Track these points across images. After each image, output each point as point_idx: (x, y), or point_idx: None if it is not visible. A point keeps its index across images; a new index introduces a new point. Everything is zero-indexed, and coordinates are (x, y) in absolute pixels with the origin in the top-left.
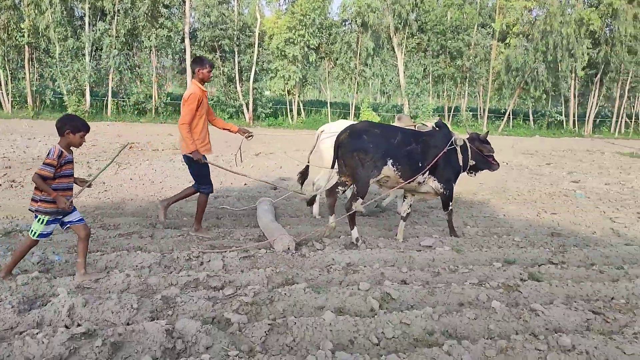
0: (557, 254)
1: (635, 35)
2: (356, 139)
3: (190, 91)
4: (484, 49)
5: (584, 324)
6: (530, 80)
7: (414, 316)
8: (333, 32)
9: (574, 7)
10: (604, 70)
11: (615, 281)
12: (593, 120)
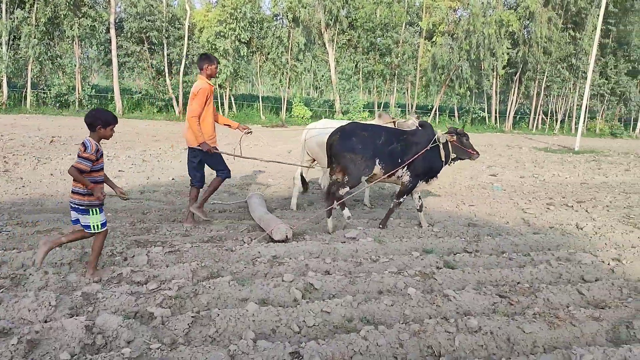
0: (472, 243)
1: (549, 37)
2: (346, 141)
3: (200, 86)
4: (411, 47)
5: (491, 306)
6: (455, 78)
7: (334, 304)
8: (264, 27)
9: (494, 8)
10: (522, 70)
11: (521, 267)
12: (513, 116)
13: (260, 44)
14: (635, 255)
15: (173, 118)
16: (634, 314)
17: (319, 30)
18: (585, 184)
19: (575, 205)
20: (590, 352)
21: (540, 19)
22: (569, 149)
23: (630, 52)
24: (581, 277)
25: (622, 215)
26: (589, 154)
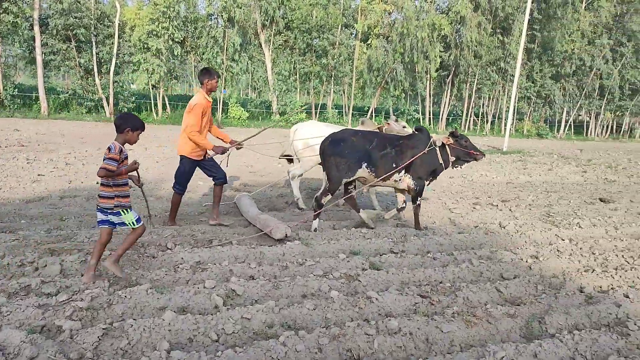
0: (398, 243)
1: (479, 41)
2: (333, 146)
3: (196, 101)
4: (347, 49)
5: (413, 307)
6: (390, 80)
7: (255, 310)
8: (199, 26)
9: (427, 12)
10: (454, 72)
11: (445, 266)
12: (446, 118)
13: (194, 43)
14: (551, 252)
15: (103, 119)
16: (547, 310)
17: (255, 30)
18: (511, 184)
19: (500, 204)
20: (503, 349)
21: (470, 23)
22: (497, 150)
23: (554, 57)
24: (501, 275)
25: (543, 213)
26: (516, 154)
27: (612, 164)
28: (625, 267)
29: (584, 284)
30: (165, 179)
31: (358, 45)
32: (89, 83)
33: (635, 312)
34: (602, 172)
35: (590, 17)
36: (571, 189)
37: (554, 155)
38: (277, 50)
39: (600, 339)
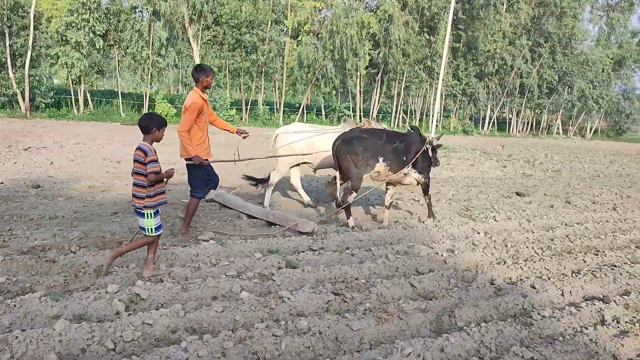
0: (318, 240)
1: (407, 39)
2: (348, 145)
3: (192, 100)
4: (277, 45)
5: (325, 305)
6: (321, 77)
7: (158, 315)
8: (122, 19)
9: (356, 10)
10: (383, 70)
11: (361, 263)
12: (376, 115)
13: (118, 37)
14: (467, 246)
15: (18, 115)
16: (457, 303)
17: (183, 25)
18: (434, 179)
19: (422, 199)
20: (411, 344)
21: (398, 22)
22: None
23: (478, 56)
24: (416, 269)
25: (461, 207)
26: (442, 150)
27: (530, 159)
28: (534, 259)
29: (494, 276)
30: (78, 178)
31: (288, 41)
32: (2, 77)
33: (540, 302)
34: (521, 166)
35: (511, 19)
36: (491, 184)
37: (477, 151)
38: (206, 46)
39: (505, 330)
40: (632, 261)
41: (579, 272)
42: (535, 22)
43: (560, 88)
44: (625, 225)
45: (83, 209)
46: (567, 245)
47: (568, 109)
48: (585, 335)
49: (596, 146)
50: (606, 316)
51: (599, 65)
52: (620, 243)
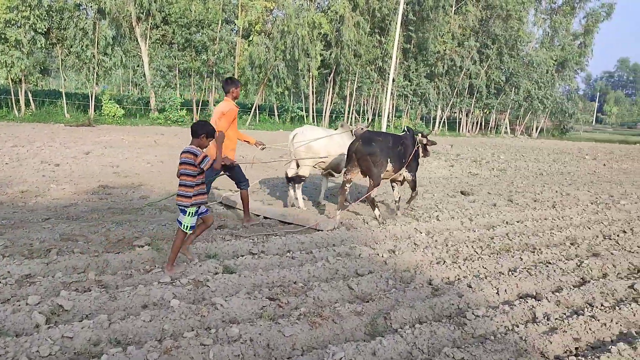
0: (259, 243)
1: (359, 40)
2: (368, 146)
3: (229, 107)
4: (228, 45)
5: (259, 311)
6: (273, 77)
7: (80, 328)
8: (65, 17)
9: (307, 10)
10: (336, 70)
11: (301, 266)
12: (329, 115)
13: (61, 35)
14: (408, 246)
15: None
16: (393, 305)
17: (130, 24)
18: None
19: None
20: (343, 349)
21: (349, 22)
22: None
23: (428, 57)
24: (356, 271)
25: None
26: None
27: (477, 159)
28: (473, 258)
29: (433, 277)
30: (11, 183)
31: (239, 41)
32: None
33: (475, 301)
34: (468, 166)
35: (459, 21)
36: (437, 183)
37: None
38: (155, 45)
39: (438, 331)
40: (566, 258)
41: (515, 270)
42: (482, 24)
43: (508, 88)
44: (562, 222)
45: (12, 215)
46: (506, 243)
47: (515, 109)
48: (515, 334)
49: (541, 145)
50: (537, 313)
51: (544, 66)
52: (556, 240)
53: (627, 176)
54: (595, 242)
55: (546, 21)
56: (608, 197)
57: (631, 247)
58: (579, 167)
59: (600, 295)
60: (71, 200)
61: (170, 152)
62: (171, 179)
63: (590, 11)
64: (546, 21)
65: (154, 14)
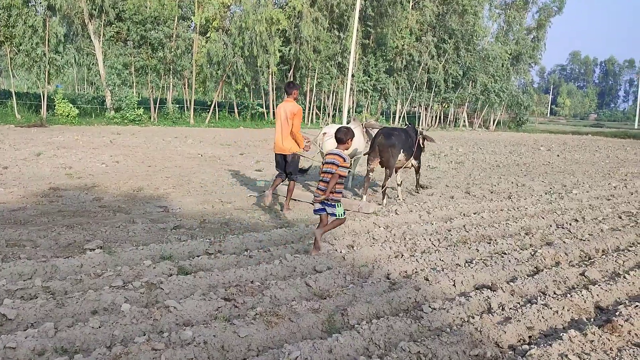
0: (216, 243)
1: (317, 36)
2: (389, 139)
3: (298, 107)
4: (185, 42)
5: (214, 312)
6: (232, 74)
7: (23, 337)
8: (13, 14)
9: (265, 6)
10: (295, 66)
11: (258, 264)
12: None
13: (9, 33)
14: (367, 241)
15: None
16: (351, 301)
17: (83, 20)
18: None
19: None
20: (299, 348)
21: (307, 18)
22: None
23: (387, 52)
24: (314, 268)
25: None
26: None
27: (435, 152)
28: (430, 250)
29: (391, 271)
30: None
31: (197, 38)
32: None
33: (432, 294)
34: (426, 159)
35: (417, 16)
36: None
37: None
38: (109, 42)
39: (395, 325)
40: (520, 248)
41: (471, 261)
42: (439, 19)
43: (465, 82)
44: (517, 213)
45: None
46: (463, 235)
47: (473, 103)
48: (471, 325)
49: (498, 137)
50: (493, 304)
51: (499, 60)
52: (511, 230)
53: (579, 166)
54: (548, 232)
55: (500, 16)
56: (561, 187)
57: (582, 235)
58: (534, 158)
59: (553, 284)
60: (19, 204)
61: (127, 152)
62: (127, 179)
63: (543, 6)
64: (500, 16)
65: (107, 10)
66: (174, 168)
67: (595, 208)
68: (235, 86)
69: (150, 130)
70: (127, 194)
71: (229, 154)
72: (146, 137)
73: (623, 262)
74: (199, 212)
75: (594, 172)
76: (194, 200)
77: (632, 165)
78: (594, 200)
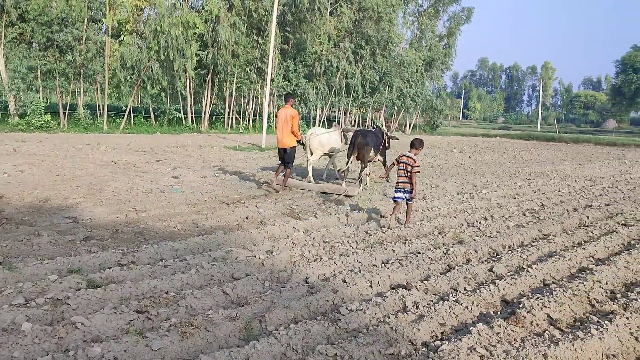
0: (129, 254)
1: (236, 40)
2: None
3: (295, 112)
4: (96, 45)
5: (126, 326)
6: (147, 78)
7: None
8: None
9: (181, 10)
10: (214, 71)
11: (174, 274)
12: (209, 117)
13: None
14: (286, 245)
15: None
16: (269, 307)
17: None
18: (262, 179)
19: (247, 201)
20: (215, 357)
21: (224, 22)
22: (257, 146)
23: (306, 57)
24: (232, 275)
25: (286, 206)
26: (274, 150)
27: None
28: (348, 253)
29: (309, 274)
30: None
31: (109, 41)
32: None
33: (349, 295)
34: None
35: (335, 22)
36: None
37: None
38: (11, 44)
39: (313, 329)
40: (434, 247)
41: (388, 262)
42: (356, 25)
43: (382, 87)
44: (431, 213)
45: None
46: (380, 236)
47: (389, 107)
48: (387, 324)
49: None
50: (407, 303)
51: (413, 66)
52: (426, 230)
53: (488, 167)
54: (460, 230)
55: (414, 23)
56: (472, 187)
57: (491, 232)
58: (447, 160)
59: (464, 280)
60: None
61: (33, 160)
62: (32, 190)
63: (453, 15)
64: (414, 23)
65: (9, 10)
66: (85, 177)
67: (502, 206)
68: (151, 91)
69: (60, 137)
70: (32, 205)
71: (145, 160)
72: (55, 145)
73: (527, 257)
74: (112, 222)
75: (501, 172)
76: (107, 210)
77: (535, 165)
78: (502, 199)
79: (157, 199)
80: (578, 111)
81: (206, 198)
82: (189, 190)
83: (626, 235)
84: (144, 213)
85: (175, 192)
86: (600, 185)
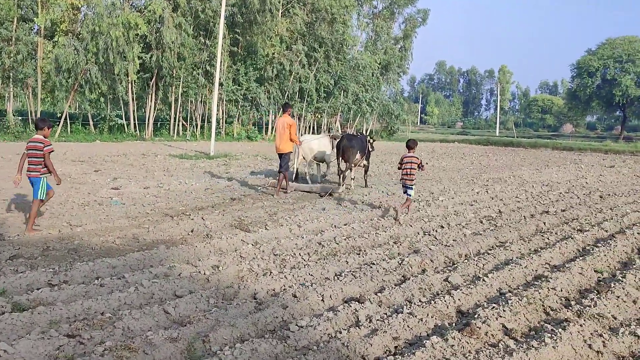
0: (60, 273)
1: (182, 42)
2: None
3: (293, 120)
4: (27, 46)
5: (55, 352)
6: (85, 82)
7: None
8: None
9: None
10: (158, 74)
11: (110, 293)
12: (154, 123)
13: None
14: (234, 259)
15: None
16: (214, 325)
17: None
18: (209, 189)
19: (193, 213)
20: None
21: (169, 23)
22: (205, 154)
23: (257, 60)
24: (174, 293)
25: (234, 218)
26: (222, 158)
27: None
28: (300, 266)
29: (258, 290)
30: None
31: (41, 42)
32: None
33: (300, 311)
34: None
35: (287, 24)
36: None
37: (259, 158)
38: None
39: (260, 347)
40: (389, 257)
41: (341, 274)
42: (309, 27)
43: (337, 92)
44: (386, 222)
45: None
46: (333, 247)
47: (345, 112)
48: (338, 340)
49: None
50: (360, 316)
51: (369, 69)
52: (381, 240)
53: (445, 173)
54: (416, 239)
55: (369, 25)
56: (429, 194)
57: (447, 241)
58: None
59: (419, 291)
60: None
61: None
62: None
63: (408, 16)
64: (369, 25)
65: None
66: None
67: (459, 214)
68: (89, 96)
69: None
70: None
71: (82, 171)
72: None
73: (483, 266)
74: (42, 239)
75: (459, 178)
76: (37, 225)
77: (493, 171)
78: (459, 206)
79: (95, 212)
80: (536, 115)
81: (148, 210)
82: (129, 202)
83: (581, 240)
84: (79, 228)
85: (115, 205)
86: (557, 191)
